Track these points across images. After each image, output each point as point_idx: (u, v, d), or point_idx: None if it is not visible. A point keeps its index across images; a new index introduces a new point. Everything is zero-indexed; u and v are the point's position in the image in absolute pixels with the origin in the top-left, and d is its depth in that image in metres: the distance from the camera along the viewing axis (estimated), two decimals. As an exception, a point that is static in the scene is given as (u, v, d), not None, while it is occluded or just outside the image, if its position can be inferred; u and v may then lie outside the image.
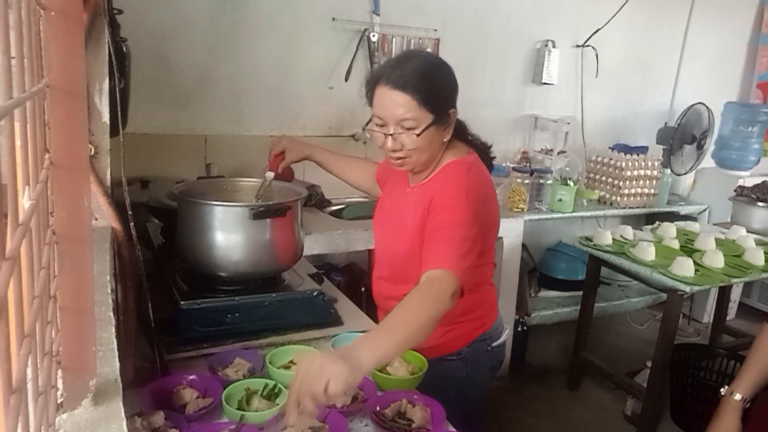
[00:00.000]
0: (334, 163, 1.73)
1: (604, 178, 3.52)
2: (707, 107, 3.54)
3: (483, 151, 1.50)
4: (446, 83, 1.34)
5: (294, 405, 0.92)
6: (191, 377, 1.15)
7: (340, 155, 1.76)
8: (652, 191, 3.51)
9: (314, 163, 1.72)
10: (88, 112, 0.92)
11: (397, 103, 1.26)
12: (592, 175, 3.61)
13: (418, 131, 1.27)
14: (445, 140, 1.36)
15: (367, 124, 1.39)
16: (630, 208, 3.48)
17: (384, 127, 1.30)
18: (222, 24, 2.62)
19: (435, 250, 1.24)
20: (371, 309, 1.63)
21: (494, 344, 1.54)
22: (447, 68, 1.35)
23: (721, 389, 1.54)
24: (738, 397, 1.49)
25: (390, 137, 1.30)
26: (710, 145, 3.74)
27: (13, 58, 0.45)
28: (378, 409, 1.12)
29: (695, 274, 2.43)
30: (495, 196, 1.45)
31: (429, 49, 2.93)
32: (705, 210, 3.88)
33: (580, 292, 3.00)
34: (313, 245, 2.29)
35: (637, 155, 3.47)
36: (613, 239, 2.82)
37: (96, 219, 1.07)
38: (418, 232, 1.35)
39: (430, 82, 1.28)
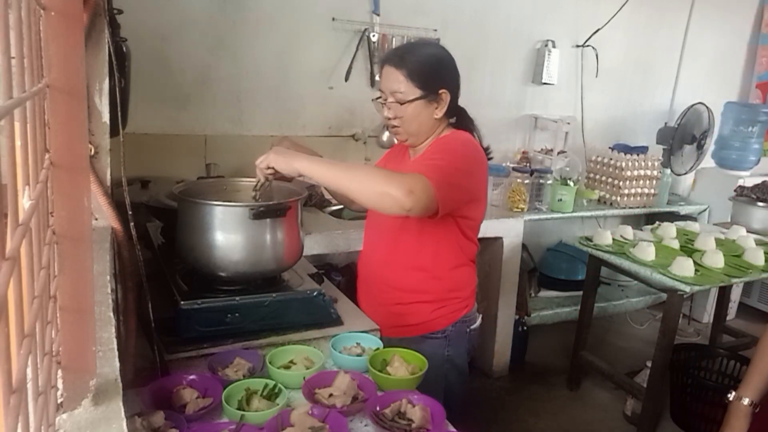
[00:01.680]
0: None
1: (604, 178, 3.52)
2: (707, 107, 3.54)
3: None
4: (437, 65, 1.50)
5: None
6: (191, 377, 1.15)
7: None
8: (652, 191, 3.51)
9: None
10: (88, 112, 0.92)
11: (390, 76, 1.48)
12: (592, 175, 3.61)
13: (403, 101, 1.47)
14: (435, 117, 1.51)
15: (377, 98, 1.57)
16: (630, 208, 3.48)
17: (383, 97, 1.53)
18: (222, 24, 2.62)
19: (422, 164, 1.40)
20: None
21: (472, 327, 1.65)
22: (445, 57, 1.53)
23: (728, 395, 1.52)
24: (746, 401, 1.46)
25: (385, 106, 1.52)
26: (710, 145, 3.74)
27: (13, 58, 0.45)
28: (378, 409, 1.12)
29: (695, 274, 2.43)
30: (485, 178, 1.57)
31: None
32: (705, 210, 3.89)
33: (580, 292, 3.00)
34: (313, 245, 2.29)
35: (637, 155, 3.47)
36: (613, 239, 2.82)
37: (96, 219, 1.07)
38: None
39: (421, 61, 1.47)
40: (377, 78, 2.91)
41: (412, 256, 1.55)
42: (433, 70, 1.48)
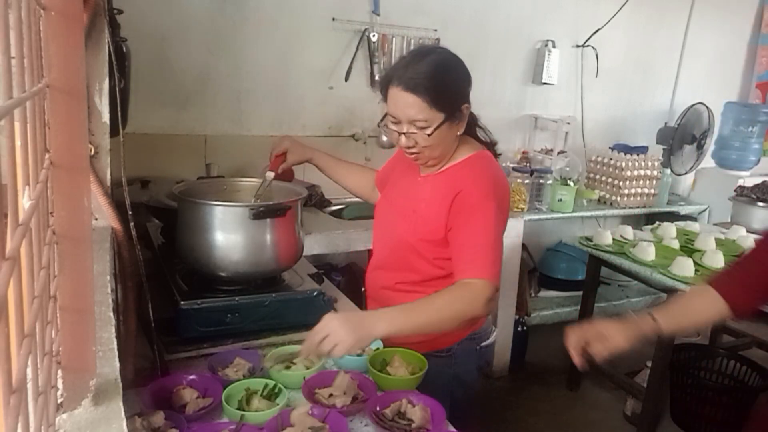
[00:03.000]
0: (334, 168, 1.73)
1: (604, 178, 3.51)
2: (707, 107, 3.54)
3: (489, 147, 1.51)
4: (457, 81, 1.36)
5: (306, 350, 1.16)
6: (191, 377, 1.15)
7: (341, 161, 1.75)
8: (652, 191, 3.51)
9: (314, 166, 1.73)
10: (88, 112, 0.92)
11: (408, 104, 1.30)
12: (592, 175, 3.61)
13: (429, 131, 1.31)
14: (458, 133, 1.39)
15: (381, 121, 1.43)
16: (630, 208, 3.48)
17: (398, 125, 1.35)
18: (222, 24, 2.62)
19: (470, 259, 1.30)
20: (371, 309, 1.63)
21: (483, 344, 1.56)
22: (458, 65, 1.37)
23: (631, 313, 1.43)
24: (659, 323, 1.37)
25: (403, 135, 1.34)
26: (710, 145, 3.74)
27: (13, 58, 0.45)
28: (378, 409, 1.12)
29: (695, 274, 2.42)
30: (508, 201, 1.47)
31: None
32: (705, 210, 3.88)
33: (580, 292, 3.00)
34: (313, 245, 2.29)
35: (637, 155, 3.47)
36: (613, 239, 2.82)
37: (96, 219, 1.07)
38: (433, 218, 1.39)
39: (440, 82, 1.30)
40: (377, 77, 2.91)
41: (423, 277, 1.46)
42: (452, 88, 1.34)
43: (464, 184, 1.36)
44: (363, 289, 1.72)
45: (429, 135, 1.31)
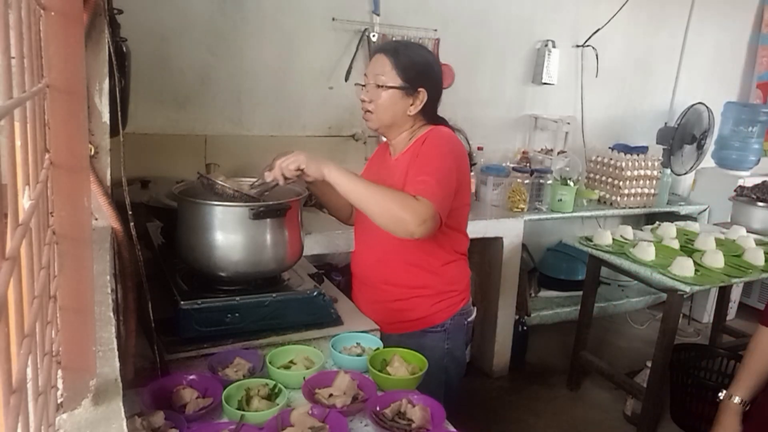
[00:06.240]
0: (327, 189, 1.74)
1: (604, 178, 3.52)
2: (707, 107, 3.54)
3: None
4: (423, 63, 1.55)
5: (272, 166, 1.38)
6: (191, 377, 1.15)
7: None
8: (652, 191, 3.51)
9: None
10: (88, 112, 0.92)
11: (378, 62, 1.53)
12: (592, 175, 3.61)
13: (381, 84, 1.51)
14: (409, 113, 1.54)
15: (360, 84, 1.62)
16: (630, 208, 3.48)
17: (366, 80, 1.57)
18: (222, 24, 2.62)
19: (421, 180, 1.41)
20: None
21: (469, 319, 1.69)
22: (434, 61, 1.60)
23: (719, 393, 1.54)
24: (737, 400, 1.49)
25: (364, 88, 1.56)
26: (710, 145, 3.74)
27: (13, 58, 0.45)
28: (378, 409, 1.12)
29: (695, 274, 2.43)
30: (468, 167, 1.60)
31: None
32: (705, 210, 3.88)
33: (580, 292, 3.00)
34: (313, 245, 2.29)
35: (637, 155, 3.47)
36: (613, 239, 2.82)
37: (96, 219, 1.07)
38: (405, 182, 1.48)
39: (408, 55, 1.53)
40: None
41: (407, 252, 1.56)
42: (418, 68, 1.53)
43: (425, 144, 1.51)
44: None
45: (379, 86, 1.50)
